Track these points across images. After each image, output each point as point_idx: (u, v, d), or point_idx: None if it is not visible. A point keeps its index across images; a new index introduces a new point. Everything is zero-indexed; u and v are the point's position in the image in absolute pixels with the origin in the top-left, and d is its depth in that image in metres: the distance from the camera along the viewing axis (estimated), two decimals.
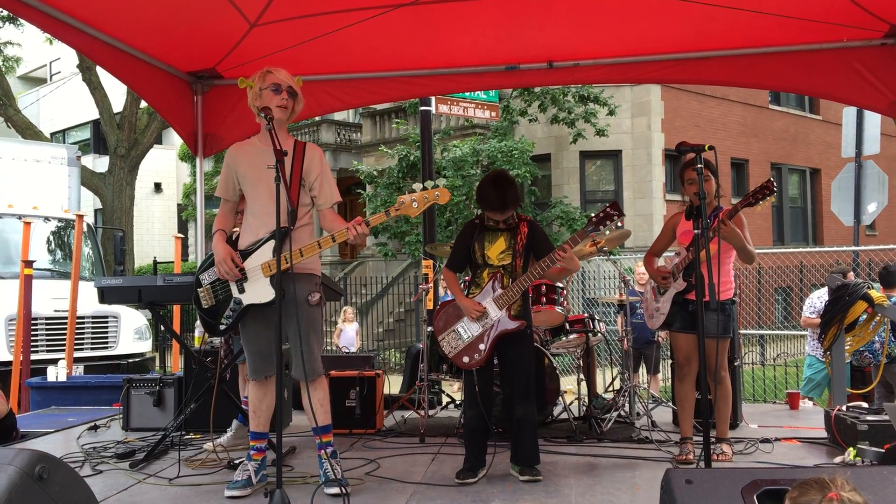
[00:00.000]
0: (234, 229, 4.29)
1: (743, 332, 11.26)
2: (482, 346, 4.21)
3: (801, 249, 13.78)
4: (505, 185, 4.25)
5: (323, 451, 3.94)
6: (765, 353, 13.02)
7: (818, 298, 7.68)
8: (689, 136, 16.89)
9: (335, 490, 3.74)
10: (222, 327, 4.07)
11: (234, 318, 3.99)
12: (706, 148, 3.73)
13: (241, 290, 3.95)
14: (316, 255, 4.00)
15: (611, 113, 15.63)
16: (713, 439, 4.32)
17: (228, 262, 3.90)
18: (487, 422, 4.30)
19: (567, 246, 4.08)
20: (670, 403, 5.75)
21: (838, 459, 4.39)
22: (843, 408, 4.88)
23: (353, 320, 12.65)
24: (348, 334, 12.46)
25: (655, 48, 5.61)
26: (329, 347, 14.32)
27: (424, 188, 3.77)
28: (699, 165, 3.74)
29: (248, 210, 4.04)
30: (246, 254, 3.94)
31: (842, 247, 11.97)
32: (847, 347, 5.88)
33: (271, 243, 3.85)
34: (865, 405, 4.96)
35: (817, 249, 12.74)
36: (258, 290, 3.90)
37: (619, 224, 4.15)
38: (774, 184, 4.23)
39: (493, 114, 11.12)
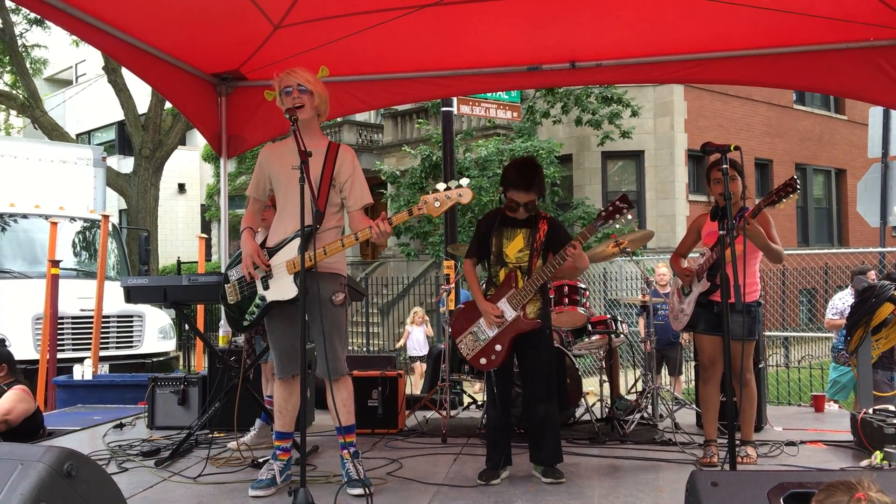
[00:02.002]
0: (258, 231, 4.33)
1: (767, 333, 11.16)
2: (498, 347, 4.19)
3: (826, 251, 13.65)
4: (533, 167, 4.25)
5: (345, 451, 3.95)
6: (789, 355, 12.92)
7: (840, 300, 7.61)
8: (713, 136, 16.77)
9: (358, 490, 3.75)
10: (246, 323, 4.10)
11: (257, 314, 4.03)
12: (732, 148, 3.70)
13: (266, 287, 3.98)
14: (341, 255, 4.01)
15: (634, 114, 15.56)
16: (738, 442, 4.28)
17: (254, 258, 3.93)
18: (509, 422, 4.29)
19: (577, 242, 4.05)
20: (693, 405, 5.72)
21: (865, 463, 4.35)
22: (870, 411, 4.82)
23: (422, 322, 11.81)
24: (417, 337, 11.73)
25: (678, 48, 5.58)
26: (375, 348, 14.13)
27: (448, 188, 3.77)
28: (725, 166, 3.71)
29: (279, 209, 4.07)
30: (272, 252, 3.98)
31: (867, 248, 11.84)
32: (874, 350, 5.81)
33: (296, 241, 3.88)
34: (892, 408, 4.91)
35: (843, 251, 12.61)
36: (282, 288, 3.93)
37: (630, 217, 4.10)
38: (798, 181, 4.19)
39: (515, 114, 11.10)
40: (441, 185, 3.79)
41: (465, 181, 3.78)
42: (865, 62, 5.20)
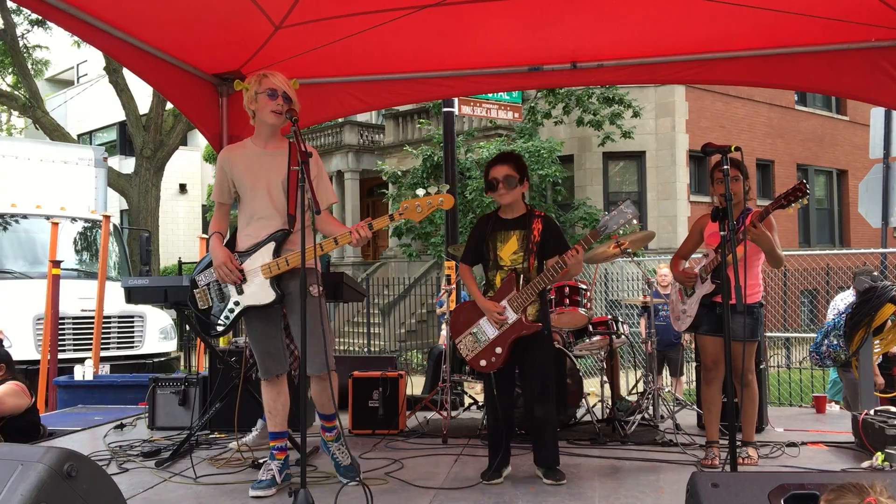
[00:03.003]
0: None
1: (769, 334, 11.15)
2: (498, 350, 4.18)
3: (827, 252, 13.63)
4: (511, 153, 4.38)
5: (328, 434, 4.02)
6: (791, 356, 12.89)
7: (842, 300, 7.59)
8: (714, 137, 16.76)
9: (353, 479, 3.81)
10: (220, 328, 4.07)
11: (232, 319, 4.01)
12: (732, 149, 3.70)
13: (240, 292, 3.95)
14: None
15: (636, 114, 15.56)
16: (739, 443, 4.28)
17: (229, 265, 3.90)
18: (510, 424, 4.29)
19: (579, 247, 4.03)
20: (694, 406, 5.71)
21: (866, 464, 4.34)
22: (871, 412, 4.81)
23: None
24: None
25: (680, 48, 5.57)
26: (376, 348, 14.02)
27: (428, 193, 3.78)
28: (725, 167, 3.71)
29: (247, 213, 4.01)
30: (244, 256, 3.95)
31: (869, 249, 11.82)
32: (875, 351, 5.81)
33: (270, 245, 3.88)
34: (894, 409, 4.90)
35: (844, 252, 12.59)
36: (257, 292, 3.91)
37: (634, 221, 4.09)
38: (807, 186, 4.19)
39: (516, 115, 11.10)
40: (421, 192, 3.80)
41: (444, 187, 3.81)
42: (867, 63, 5.19)
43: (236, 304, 3.98)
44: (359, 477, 3.82)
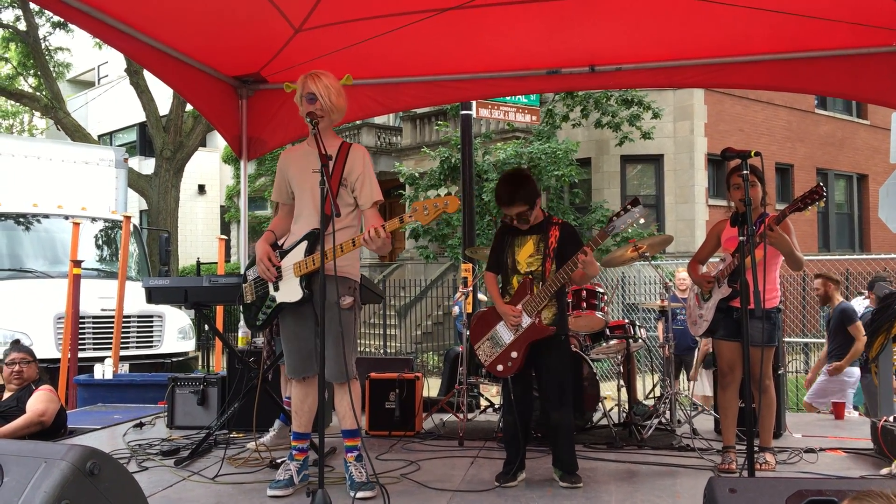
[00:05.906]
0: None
1: (787, 340, 11.07)
2: (514, 354, 4.19)
3: (847, 257, 13.53)
4: (516, 182, 4.23)
5: (349, 455, 3.99)
6: (809, 361, 12.79)
7: (858, 304, 7.55)
8: (733, 140, 16.69)
9: (366, 493, 3.81)
10: (259, 323, 4.19)
11: (269, 314, 4.10)
12: (752, 154, 3.69)
13: (276, 289, 4.04)
14: (353, 259, 4.04)
15: (655, 116, 15.49)
16: (756, 448, 4.26)
17: (265, 261, 4.00)
18: (526, 427, 4.30)
19: (588, 249, 4.04)
20: (712, 411, 5.69)
21: (885, 471, 4.31)
22: (891, 418, 4.78)
23: None
24: None
25: (699, 52, 5.56)
26: (392, 350, 14.02)
27: (438, 195, 3.80)
28: (745, 171, 3.70)
29: (296, 212, 4.12)
30: (284, 253, 4.03)
31: (889, 254, 11.71)
32: (895, 357, 5.77)
33: (303, 244, 3.94)
34: None
35: (864, 257, 12.50)
36: (289, 290, 3.98)
37: (638, 215, 4.07)
38: (824, 188, 4.16)
39: (534, 117, 11.10)
40: (432, 192, 3.83)
41: (454, 188, 3.81)
42: (887, 67, 5.16)
43: (272, 300, 4.06)
44: (371, 493, 3.83)
